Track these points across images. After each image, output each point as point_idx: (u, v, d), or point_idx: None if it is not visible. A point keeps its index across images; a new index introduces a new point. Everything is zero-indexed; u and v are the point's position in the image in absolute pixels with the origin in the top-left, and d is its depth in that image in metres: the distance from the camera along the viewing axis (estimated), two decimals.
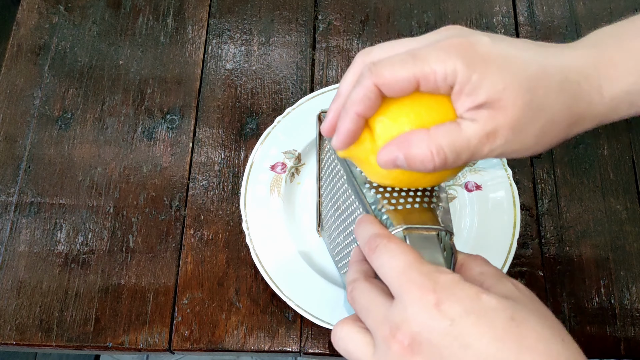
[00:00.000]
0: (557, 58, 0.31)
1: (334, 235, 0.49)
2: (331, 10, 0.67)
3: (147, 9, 0.68)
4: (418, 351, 0.27)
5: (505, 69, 0.29)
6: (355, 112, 0.31)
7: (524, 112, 0.29)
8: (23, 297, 0.54)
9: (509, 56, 0.30)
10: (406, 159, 0.30)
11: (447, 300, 0.27)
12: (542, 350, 0.26)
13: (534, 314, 0.28)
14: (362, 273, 0.33)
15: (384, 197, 0.35)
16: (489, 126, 0.29)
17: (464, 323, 0.27)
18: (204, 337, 0.52)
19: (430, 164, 0.30)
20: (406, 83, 0.30)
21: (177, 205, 0.58)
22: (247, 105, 0.62)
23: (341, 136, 0.32)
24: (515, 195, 0.54)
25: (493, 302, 0.27)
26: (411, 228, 0.33)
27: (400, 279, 0.29)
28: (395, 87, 0.30)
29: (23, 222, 0.57)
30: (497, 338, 0.26)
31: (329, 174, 0.46)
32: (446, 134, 0.30)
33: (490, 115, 0.29)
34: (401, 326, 0.28)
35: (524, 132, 0.30)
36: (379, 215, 0.35)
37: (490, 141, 0.30)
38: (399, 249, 0.30)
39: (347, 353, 0.31)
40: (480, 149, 0.30)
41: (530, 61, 0.30)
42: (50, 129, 0.61)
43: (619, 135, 0.61)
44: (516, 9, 0.67)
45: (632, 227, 0.57)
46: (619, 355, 0.52)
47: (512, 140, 0.30)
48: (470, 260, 0.33)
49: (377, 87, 0.30)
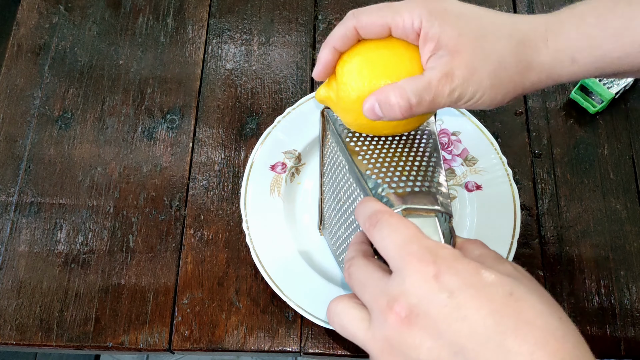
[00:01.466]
0: (510, 17, 0.36)
1: (335, 229, 0.49)
2: (331, 10, 0.67)
3: (147, 9, 0.68)
4: (415, 322, 0.27)
5: (462, 20, 0.34)
6: (332, 45, 0.37)
7: (475, 55, 0.34)
8: (23, 297, 0.54)
9: (465, 11, 0.35)
10: (380, 106, 0.35)
11: (447, 272, 0.27)
12: (540, 325, 0.26)
13: (533, 292, 0.28)
14: (361, 252, 0.33)
15: (385, 182, 0.36)
16: (446, 68, 0.34)
17: (462, 295, 0.27)
18: (204, 337, 0.52)
19: (397, 108, 0.34)
20: (379, 27, 0.35)
21: (177, 205, 0.58)
22: (247, 105, 0.62)
23: (320, 64, 0.38)
24: (515, 195, 0.54)
25: (492, 277, 0.27)
26: (410, 209, 0.34)
27: (400, 251, 0.29)
28: (371, 30, 0.36)
29: (23, 222, 0.57)
30: (495, 311, 0.26)
31: (331, 168, 0.46)
32: (411, 81, 0.34)
33: (447, 61, 0.34)
34: (399, 298, 0.28)
35: (477, 73, 0.34)
36: (380, 198, 0.35)
37: (448, 80, 0.34)
38: (401, 222, 0.31)
39: (342, 328, 0.31)
40: (440, 89, 0.34)
41: (484, 15, 0.36)
42: (50, 129, 0.61)
43: (619, 135, 0.61)
44: (516, 8, 0.67)
45: (632, 227, 0.57)
46: (619, 355, 0.52)
47: (468, 80, 0.34)
48: (469, 243, 0.34)
49: (355, 29, 0.36)
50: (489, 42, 0.34)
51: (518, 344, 0.25)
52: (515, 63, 0.35)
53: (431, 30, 0.34)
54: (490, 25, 0.35)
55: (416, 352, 0.27)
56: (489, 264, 0.30)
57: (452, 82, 0.34)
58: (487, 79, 0.34)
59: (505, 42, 0.35)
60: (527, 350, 0.25)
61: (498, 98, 0.35)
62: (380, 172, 0.37)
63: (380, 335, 0.29)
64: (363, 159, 0.39)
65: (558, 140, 0.61)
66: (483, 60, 0.34)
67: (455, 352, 0.26)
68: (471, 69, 0.34)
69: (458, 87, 0.34)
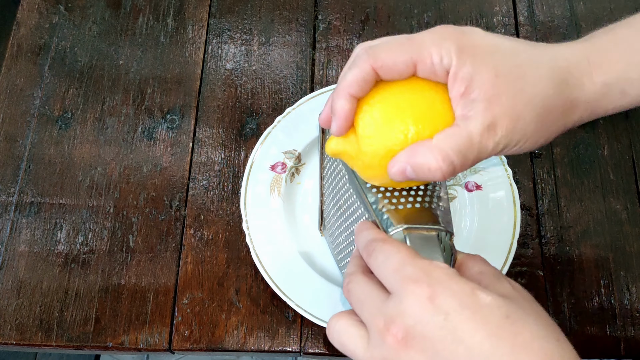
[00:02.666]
0: (546, 49, 0.32)
1: (336, 234, 0.49)
2: (331, 10, 0.67)
3: (147, 9, 0.68)
4: (412, 345, 0.27)
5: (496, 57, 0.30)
6: (349, 93, 0.31)
7: (517, 100, 0.30)
8: (23, 297, 0.54)
9: (498, 45, 0.31)
10: (414, 170, 0.30)
11: (442, 294, 0.27)
12: (537, 349, 0.26)
13: (530, 314, 0.28)
14: (361, 267, 0.33)
15: (385, 196, 0.36)
16: (488, 118, 0.29)
17: (458, 318, 0.27)
18: (204, 337, 0.52)
19: (439, 172, 0.30)
20: (403, 66, 0.30)
21: (177, 205, 0.58)
22: (247, 105, 0.62)
23: (338, 119, 0.32)
24: (515, 195, 0.54)
25: (488, 299, 0.27)
26: (411, 228, 0.33)
27: (395, 275, 0.29)
28: (393, 70, 0.30)
29: (23, 222, 0.57)
30: (491, 334, 0.26)
31: (331, 174, 0.46)
32: (448, 138, 0.30)
33: (485, 107, 0.29)
34: (396, 319, 0.28)
35: (521, 119, 0.30)
36: (380, 215, 0.35)
37: (492, 134, 0.30)
38: (394, 248, 0.31)
39: (341, 346, 0.32)
40: (484, 144, 0.30)
41: (520, 50, 0.31)
42: (50, 129, 0.61)
43: (619, 136, 0.61)
44: (516, 8, 0.67)
45: (632, 228, 0.57)
46: (619, 355, 0.52)
47: (512, 130, 0.30)
48: (469, 259, 0.33)
49: (373, 70, 0.31)
50: (530, 83, 0.30)
51: None
52: (560, 104, 0.31)
53: (463, 70, 0.29)
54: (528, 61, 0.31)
55: None
56: (486, 283, 0.30)
57: (496, 134, 0.30)
58: (531, 124, 0.31)
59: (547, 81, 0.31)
60: None
61: (541, 141, 0.32)
62: (381, 187, 0.36)
63: (378, 355, 0.29)
64: None
65: (558, 140, 0.61)
66: (526, 105, 0.30)
67: None
68: (515, 117, 0.30)
69: (503, 139, 0.30)
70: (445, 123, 0.30)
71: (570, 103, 0.32)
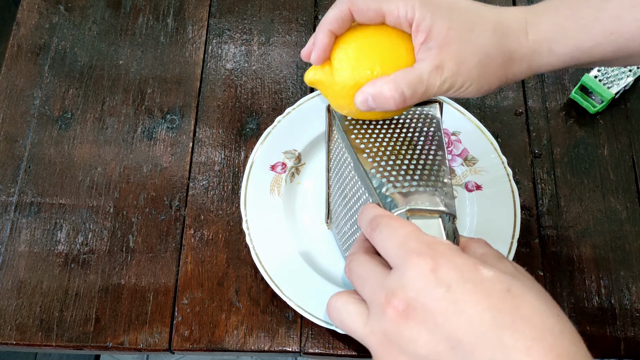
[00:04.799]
0: (494, 9, 0.38)
1: (342, 224, 0.49)
2: None
3: (147, 9, 0.68)
4: (412, 316, 0.27)
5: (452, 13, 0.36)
6: (328, 29, 0.37)
7: (464, 47, 0.36)
8: (23, 297, 0.54)
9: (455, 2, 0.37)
10: (374, 99, 0.36)
11: (445, 267, 0.28)
12: (537, 322, 0.26)
13: (531, 289, 0.28)
14: (363, 248, 0.34)
15: (389, 181, 0.37)
16: (437, 60, 0.35)
17: (460, 290, 0.27)
18: (204, 337, 0.52)
19: (392, 101, 0.35)
20: (373, 13, 0.36)
21: (177, 205, 0.58)
22: (247, 105, 0.62)
23: (317, 49, 0.38)
24: (515, 195, 0.54)
25: (490, 273, 0.28)
26: (414, 209, 0.34)
27: (399, 248, 0.30)
28: (365, 15, 0.37)
29: (23, 222, 0.57)
30: (492, 307, 0.26)
31: (337, 163, 0.46)
32: (403, 74, 0.36)
33: (437, 53, 0.35)
34: (397, 292, 0.28)
35: (465, 64, 0.36)
36: (384, 198, 0.36)
37: (439, 73, 0.35)
38: (399, 222, 0.31)
39: (341, 323, 0.32)
40: (432, 82, 0.35)
41: (472, 8, 0.37)
42: (50, 129, 0.61)
43: (619, 135, 0.61)
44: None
45: (632, 227, 0.57)
46: (619, 355, 0.52)
47: (456, 72, 0.36)
48: (472, 242, 0.34)
49: (350, 11, 0.37)
50: (476, 35, 0.36)
51: (515, 339, 0.25)
52: (499, 55, 0.36)
53: (423, 22, 0.35)
54: (477, 18, 0.37)
55: (413, 346, 0.27)
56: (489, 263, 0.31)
57: (443, 74, 0.35)
58: (474, 70, 0.36)
59: (490, 34, 0.36)
60: (523, 345, 0.25)
61: (484, 87, 0.37)
62: (385, 171, 0.37)
63: (378, 329, 0.29)
64: (368, 157, 0.39)
65: (558, 140, 0.61)
66: (470, 53, 0.36)
67: (452, 346, 0.26)
68: (460, 62, 0.35)
69: (448, 79, 0.36)
70: (406, 65, 0.36)
71: (508, 56, 0.37)
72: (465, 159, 0.57)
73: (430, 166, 0.38)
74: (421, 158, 0.39)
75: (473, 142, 0.57)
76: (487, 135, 0.57)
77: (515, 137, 0.61)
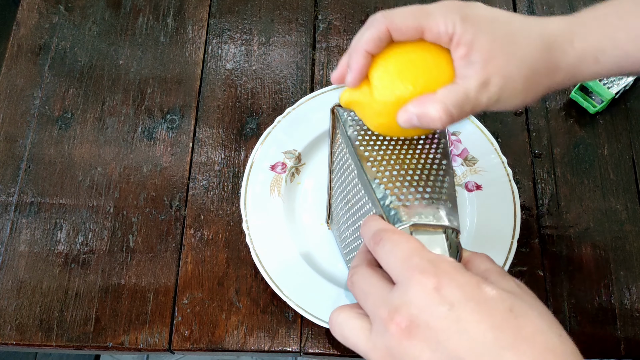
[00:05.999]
0: (537, 20, 0.37)
1: (343, 228, 0.49)
2: (331, 10, 0.67)
3: (147, 9, 0.68)
4: (415, 334, 0.27)
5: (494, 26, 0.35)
6: (365, 49, 0.36)
7: (509, 61, 0.35)
8: (23, 297, 0.54)
9: (496, 16, 0.36)
10: (419, 118, 0.35)
11: (448, 285, 0.28)
12: (539, 342, 0.26)
13: (533, 309, 0.28)
14: (366, 260, 0.34)
15: (393, 192, 0.36)
16: (483, 76, 0.34)
17: (462, 308, 0.27)
18: (204, 337, 0.52)
19: (439, 122, 0.34)
20: (413, 30, 0.35)
21: (177, 205, 0.58)
22: (247, 105, 0.62)
23: (354, 71, 0.37)
24: (515, 195, 0.54)
25: (493, 292, 0.28)
26: (418, 224, 0.34)
27: (402, 265, 0.30)
28: (404, 33, 0.36)
29: (23, 222, 0.57)
30: (494, 326, 0.26)
31: (340, 168, 0.46)
32: (449, 92, 0.34)
33: (481, 67, 0.34)
34: (400, 308, 0.28)
35: (511, 78, 0.35)
36: (387, 210, 0.35)
37: (486, 89, 0.34)
38: (403, 238, 0.31)
39: (344, 338, 0.32)
40: (479, 99, 0.34)
41: (514, 20, 0.37)
42: (50, 129, 0.61)
43: (619, 135, 0.61)
44: (516, 8, 0.67)
45: (632, 227, 0.57)
46: (619, 355, 0.52)
47: (503, 87, 0.35)
48: (475, 257, 0.34)
49: (388, 30, 0.36)
50: (521, 47, 0.35)
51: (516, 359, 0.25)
52: (545, 66, 0.36)
53: (465, 36, 0.34)
54: (520, 30, 0.36)
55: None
56: (492, 279, 0.31)
57: (489, 90, 0.34)
58: (520, 83, 0.35)
59: (535, 46, 0.36)
60: None
61: (529, 99, 0.37)
62: (389, 182, 0.37)
63: (381, 344, 0.29)
64: (372, 166, 0.38)
65: (558, 140, 0.61)
66: (516, 66, 0.35)
67: None
68: (506, 76, 0.35)
69: (494, 95, 0.35)
70: (447, 80, 0.35)
71: (554, 66, 0.36)
72: (465, 159, 0.57)
73: (435, 176, 0.38)
74: (425, 167, 0.38)
75: (473, 142, 0.57)
76: (487, 135, 0.57)
77: (516, 137, 0.61)
